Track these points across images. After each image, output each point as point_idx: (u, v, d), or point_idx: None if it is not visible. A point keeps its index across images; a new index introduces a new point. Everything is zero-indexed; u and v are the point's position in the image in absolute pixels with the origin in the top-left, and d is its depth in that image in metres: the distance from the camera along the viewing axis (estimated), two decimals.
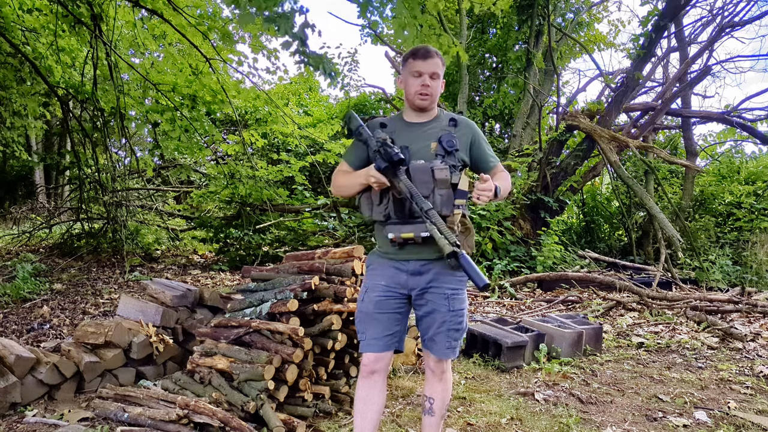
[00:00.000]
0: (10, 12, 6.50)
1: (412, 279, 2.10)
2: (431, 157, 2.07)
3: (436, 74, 2.08)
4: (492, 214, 7.94)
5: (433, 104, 2.16)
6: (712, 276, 7.73)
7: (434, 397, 2.19)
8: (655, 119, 10.07)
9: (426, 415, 2.21)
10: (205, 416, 2.47)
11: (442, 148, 2.08)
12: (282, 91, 13.69)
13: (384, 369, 2.15)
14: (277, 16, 3.26)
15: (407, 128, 2.15)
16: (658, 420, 2.96)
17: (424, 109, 2.15)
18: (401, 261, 2.10)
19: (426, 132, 2.13)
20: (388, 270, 2.12)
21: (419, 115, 2.17)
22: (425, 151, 2.09)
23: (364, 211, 2.13)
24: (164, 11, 6.11)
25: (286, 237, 8.71)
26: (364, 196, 2.11)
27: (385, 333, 2.10)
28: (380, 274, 2.14)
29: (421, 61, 2.07)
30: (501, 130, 13.60)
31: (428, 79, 2.08)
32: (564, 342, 4.04)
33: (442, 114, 2.20)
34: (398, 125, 2.17)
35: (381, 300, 2.11)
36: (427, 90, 2.08)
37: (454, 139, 2.10)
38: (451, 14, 11.59)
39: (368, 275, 2.19)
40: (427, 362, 2.21)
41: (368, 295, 2.13)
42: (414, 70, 2.08)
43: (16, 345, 2.99)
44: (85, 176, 7.71)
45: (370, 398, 2.14)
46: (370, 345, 2.11)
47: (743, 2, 9.96)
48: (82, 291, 5.65)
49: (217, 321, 3.08)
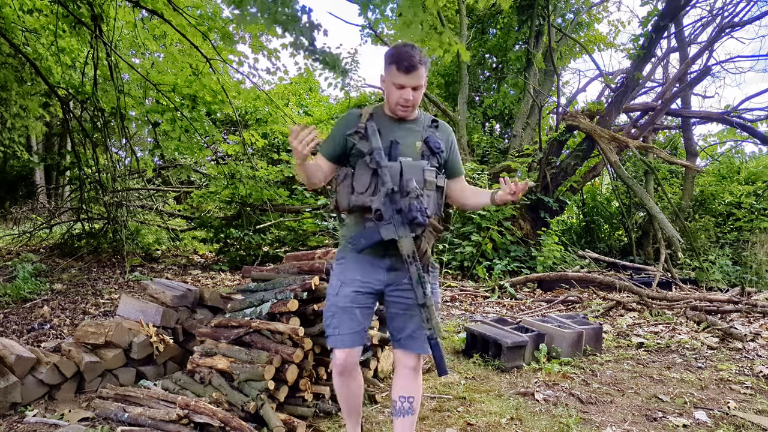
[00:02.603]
0: (11, 12, 6.50)
1: (388, 275, 2.09)
2: (417, 156, 2.07)
3: (419, 86, 2.02)
4: (492, 214, 7.94)
5: (414, 111, 2.14)
6: (712, 276, 7.73)
7: (413, 395, 2.14)
8: (655, 119, 10.07)
9: (406, 415, 2.14)
10: (205, 416, 2.47)
11: (428, 148, 2.08)
12: (282, 91, 13.70)
13: (355, 362, 2.15)
14: (286, 17, 3.28)
15: (392, 123, 2.11)
16: (658, 420, 2.96)
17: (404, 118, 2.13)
18: (377, 257, 2.08)
19: (410, 129, 2.12)
20: (365, 265, 2.10)
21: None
22: (411, 149, 2.08)
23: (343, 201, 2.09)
24: (164, 12, 6.11)
25: (287, 237, 8.71)
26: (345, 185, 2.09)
27: (357, 328, 2.10)
28: (355, 270, 2.11)
29: (404, 75, 1.97)
30: (501, 130, 13.61)
31: (410, 92, 2.01)
32: (564, 342, 4.04)
33: (423, 115, 2.18)
34: (383, 119, 2.12)
35: (356, 296, 2.09)
36: (409, 103, 2.04)
37: (439, 141, 2.10)
38: (451, 14, 11.61)
39: (340, 269, 2.15)
40: (403, 362, 2.15)
41: (343, 289, 2.10)
42: (397, 82, 2.00)
43: (17, 345, 2.99)
44: (85, 176, 7.71)
45: (351, 390, 2.20)
46: (344, 340, 2.08)
47: (743, 2, 9.97)
48: (83, 291, 5.65)
49: (218, 321, 3.08)
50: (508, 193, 2.07)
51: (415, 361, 2.13)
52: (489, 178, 8.65)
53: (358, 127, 2.06)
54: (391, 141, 2.05)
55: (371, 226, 2.02)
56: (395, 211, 1.96)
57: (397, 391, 2.15)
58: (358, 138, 2.05)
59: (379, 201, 1.98)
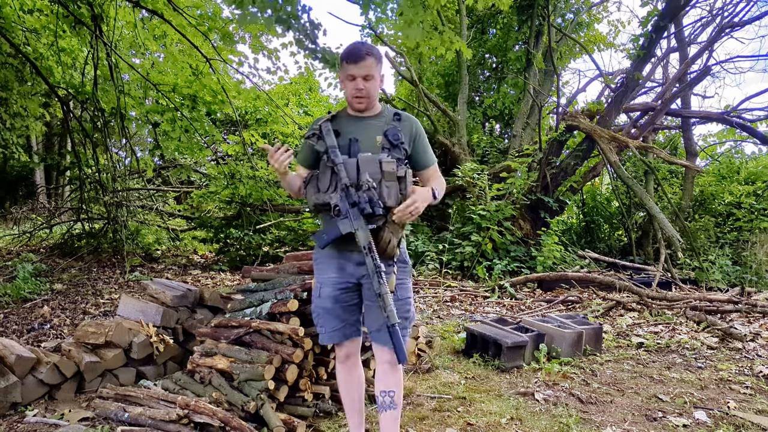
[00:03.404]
0: (11, 12, 6.51)
1: (358, 269, 2.14)
2: (377, 150, 2.11)
3: (369, 75, 2.08)
4: (492, 214, 7.95)
5: (371, 104, 2.17)
6: (711, 276, 7.73)
7: (394, 389, 2.18)
8: (654, 119, 10.07)
9: (388, 410, 2.18)
10: (205, 416, 2.47)
11: (387, 141, 2.12)
12: (282, 91, 13.71)
13: (356, 352, 2.29)
14: (287, 15, 3.29)
15: (353, 121, 2.18)
16: (658, 420, 2.97)
17: (362, 111, 2.18)
18: (346, 252, 2.14)
19: (371, 125, 2.17)
20: (336, 262, 2.17)
21: (363, 111, 2.20)
22: (371, 144, 2.13)
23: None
24: (165, 12, 6.12)
25: (287, 237, 8.72)
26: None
27: (343, 324, 2.20)
28: (329, 268, 2.18)
29: (353, 65, 2.06)
30: (501, 130, 13.60)
31: (361, 82, 2.08)
32: (564, 342, 4.04)
33: (387, 110, 2.23)
34: (345, 119, 2.20)
35: (336, 294, 2.17)
36: (362, 93, 2.10)
37: (399, 133, 2.14)
38: (451, 14, 11.60)
39: (317, 270, 2.25)
40: (379, 356, 2.18)
41: (323, 290, 2.20)
42: (348, 74, 2.09)
43: (17, 345, 3.00)
44: (85, 176, 7.72)
45: (351, 379, 2.31)
46: (332, 336, 2.22)
47: (743, 2, 9.97)
48: (83, 291, 5.66)
49: (218, 321, 3.08)
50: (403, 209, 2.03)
51: (390, 355, 2.12)
52: (489, 178, 8.66)
53: (313, 130, 2.14)
54: (350, 139, 2.13)
55: (332, 221, 2.08)
56: (350, 205, 2.02)
57: (378, 386, 2.20)
58: (315, 140, 2.13)
59: (336, 197, 2.05)
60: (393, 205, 2.04)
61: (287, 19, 3.30)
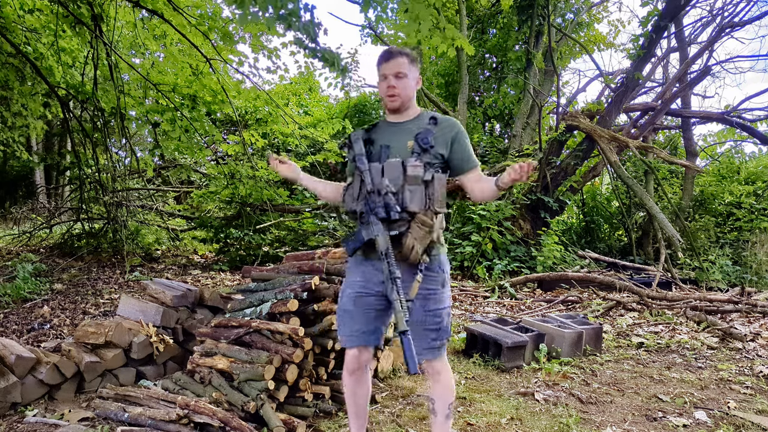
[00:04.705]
0: (11, 12, 6.50)
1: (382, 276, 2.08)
2: (407, 154, 2.09)
3: (401, 73, 2.10)
4: (492, 214, 7.94)
5: (406, 103, 2.16)
6: (712, 276, 7.73)
7: (434, 398, 2.20)
8: (655, 119, 10.07)
9: (431, 414, 2.23)
10: (205, 416, 2.47)
11: (418, 145, 2.10)
12: (282, 91, 13.70)
13: (365, 363, 2.21)
14: (289, 13, 3.28)
15: (388, 128, 2.20)
16: (658, 420, 2.97)
17: (397, 109, 2.17)
18: (375, 259, 2.09)
19: (405, 130, 2.16)
20: (366, 268, 2.15)
21: (399, 116, 2.20)
22: (403, 148, 2.11)
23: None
24: (165, 11, 6.10)
25: (287, 237, 8.71)
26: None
27: (361, 329, 2.14)
28: (357, 272, 2.17)
29: (384, 64, 2.12)
30: (501, 130, 13.60)
31: (393, 80, 2.10)
32: (564, 342, 4.04)
33: (424, 113, 2.22)
34: (381, 127, 2.23)
35: (357, 297, 2.14)
36: (394, 91, 2.11)
37: (429, 136, 2.10)
38: (451, 14, 11.60)
39: (347, 273, 2.25)
40: (425, 366, 2.18)
41: (345, 292, 2.19)
42: (380, 74, 2.14)
43: (17, 345, 3.00)
44: (85, 176, 7.71)
45: (358, 390, 2.26)
46: (349, 340, 2.17)
47: (743, 2, 9.98)
48: (83, 291, 5.65)
49: (218, 321, 3.08)
50: (512, 175, 1.95)
51: (426, 365, 2.13)
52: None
53: (344, 141, 2.18)
54: (381, 145, 2.13)
55: (359, 229, 2.08)
56: (369, 211, 2.02)
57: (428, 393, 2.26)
58: (347, 150, 2.20)
59: (361, 204, 2.06)
60: (416, 210, 2.00)
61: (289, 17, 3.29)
